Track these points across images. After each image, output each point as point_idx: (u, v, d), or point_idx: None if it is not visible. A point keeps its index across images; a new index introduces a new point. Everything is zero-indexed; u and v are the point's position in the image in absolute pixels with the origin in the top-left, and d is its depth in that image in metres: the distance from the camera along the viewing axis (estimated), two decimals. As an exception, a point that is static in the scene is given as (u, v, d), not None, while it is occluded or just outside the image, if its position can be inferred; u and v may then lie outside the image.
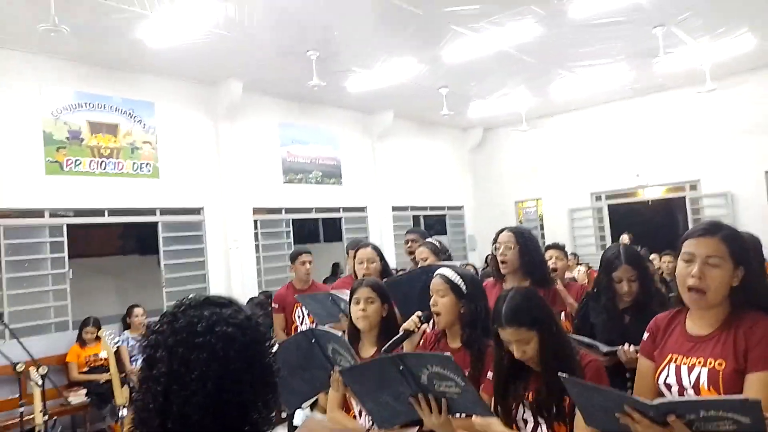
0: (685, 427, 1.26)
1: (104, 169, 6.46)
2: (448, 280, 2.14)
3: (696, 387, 1.51)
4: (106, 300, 8.79)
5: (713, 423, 1.23)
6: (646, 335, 1.73)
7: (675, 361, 1.57)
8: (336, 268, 9.39)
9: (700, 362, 1.52)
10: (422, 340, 2.30)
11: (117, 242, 9.98)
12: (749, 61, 8.24)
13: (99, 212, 6.51)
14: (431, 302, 2.16)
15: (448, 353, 1.54)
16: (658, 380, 1.60)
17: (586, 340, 2.36)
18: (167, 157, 7.03)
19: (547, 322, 1.75)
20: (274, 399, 1.00)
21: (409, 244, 4.08)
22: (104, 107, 6.53)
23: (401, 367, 1.56)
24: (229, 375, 0.92)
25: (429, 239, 3.53)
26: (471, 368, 2.02)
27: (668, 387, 1.58)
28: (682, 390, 1.54)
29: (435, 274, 2.22)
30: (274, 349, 1.03)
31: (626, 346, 2.23)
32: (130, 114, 6.75)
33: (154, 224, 7.03)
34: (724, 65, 8.22)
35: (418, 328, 2.18)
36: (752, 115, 8.79)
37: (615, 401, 1.31)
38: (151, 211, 6.97)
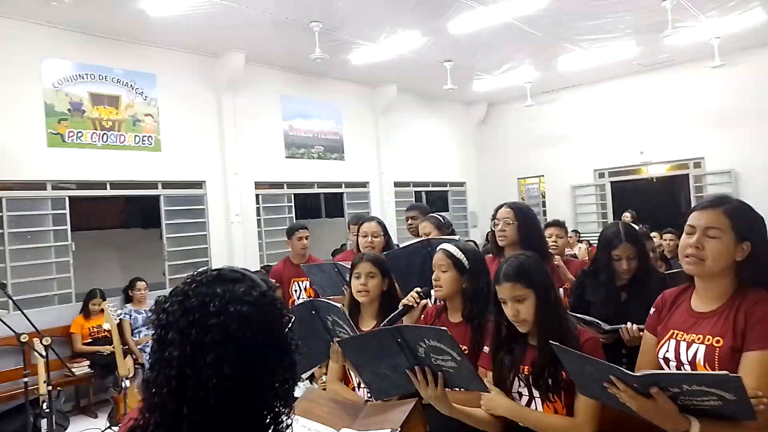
0: (668, 399, 1.28)
1: (106, 141, 6.44)
2: (450, 255, 2.14)
3: (693, 363, 1.50)
4: (108, 273, 8.83)
5: (698, 398, 1.25)
6: (652, 310, 1.73)
7: (675, 337, 1.57)
8: (345, 247, 9.42)
9: (699, 339, 1.51)
10: (423, 315, 2.31)
11: (119, 215, 10.00)
12: (758, 36, 8.10)
13: (101, 185, 6.51)
14: (433, 277, 2.17)
15: (445, 327, 1.54)
16: (658, 354, 1.60)
17: (587, 318, 2.37)
18: (169, 130, 6.99)
19: (545, 286, 1.76)
20: (293, 378, 0.96)
21: (409, 222, 4.04)
22: (105, 79, 6.48)
23: (399, 340, 1.57)
24: (245, 357, 0.87)
25: (432, 214, 3.52)
26: (471, 342, 2.03)
27: (666, 362, 1.58)
28: (679, 365, 1.54)
29: (438, 249, 2.22)
30: (291, 324, 0.98)
31: (629, 324, 2.24)
32: (131, 86, 6.70)
33: (156, 197, 7.03)
34: (733, 40, 8.09)
35: (417, 304, 2.18)
36: (759, 92, 8.67)
37: (603, 372, 1.34)
38: (153, 185, 6.96)
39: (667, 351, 1.57)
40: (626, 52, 8.54)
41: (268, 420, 0.91)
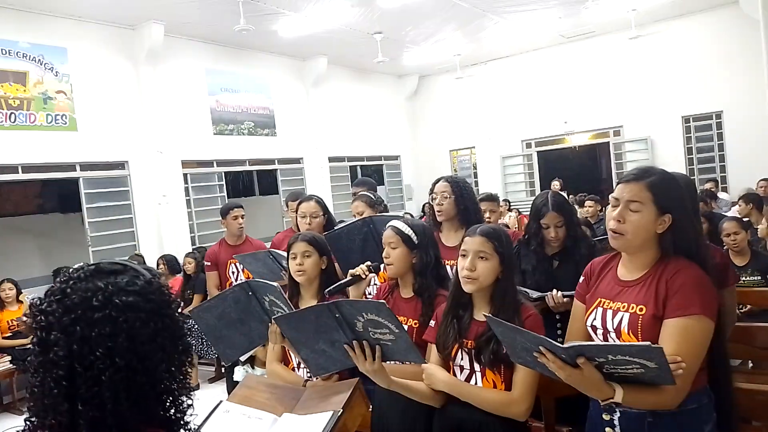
0: (594, 369, 1.35)
1: (14, 121, 5.96)
2: (399, 232, 2.15)
3: (617, 331, 1.55)
4: (27, 261, 8.32)
5: (622, 366, 1.33)
6: (582, 279, 1.78)
7: (602, 305, 1.62)
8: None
9: (624, 307, 1.56)
10: (377, 292, 2.32)
11: (35, 200, 9.36)
12: (672, 8, 8.53)
13: (11, 168, 6.05)
14: (384, 254, 2.17)
15: (382, 300, 1.55)
16: (586, 322, 1.67)
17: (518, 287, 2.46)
18: (85, 107, 6.56)
19: (511, 259, 1.82)
20: (187, 361, 0.97)
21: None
22: (9, 53, 5.97)
23: (337, 315, 1.57)
24: (137, 346, 0.87)
25: (363, 192, 3.49)
26: (422, 316, 2.06)
27: (594, 329, 1.63)
28: (606, 333, 1.59)
29: (387, 226, 2.22)
30: (179, 309, 0.98)
31: (554, 291, 2.34)
32: (39, 61, 6.21)
33: (75, 180, 6.63)
34: (649, 13, 8.48)
35: (365, 276, 2.19)
36: (672, 61, 9.17)
37: (533, 342, 1.40)
38: (70, 167, 6.54)
39: (595, 319, 1.63)
40: (549, 24, 8.77)
41: (168, 403, 0.92)
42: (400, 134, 11.78)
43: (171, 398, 0.92)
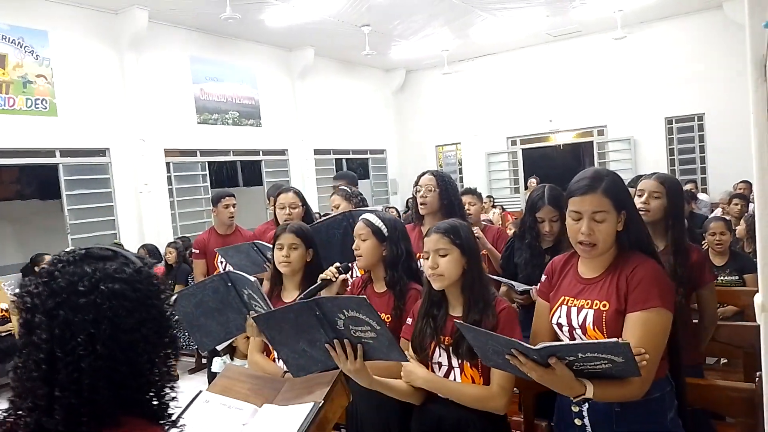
0: (565, 367, 1.39)
1: (-8, 105, 5.83)
2: (369, 224, 2.16)
3: (583, 327, 1.60)
4: (4, 248, 8.16)
5: (591, 363, 1.37)
6: (543, 277, 1.82)
7: (566, 303, 1.67)
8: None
9: (587, 304, 1.62)
10: (350, 287, 2.32)
11: (13, 186, 9.18)
12: (657, 10, 8.62)
13: (-12, 153, 5.93)
14: (354, 246, 2.17)
15: (364, 296, 1.54)
16: (551, 320, 1.70)
17: (503, 279, 2.47)
18: (65, 92, 6.43)
19: (471, 248, 1.82)
20: (173, 353, 0.95)
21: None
22: (-13, 35, 5.83)
23: (317, 313, 1.54)
24: (120, 335, 0.86)
25: (341, 186, 3.49)
26: (394, 309, 2.07)
27: (560, 327, 1.68)
28: (571, 329, 1.64)
29: (359, 219, 2.22)
30: (171, 299, 0.97)
31: (538, 285, 2.35)
32: (19, 43, 6.07)
33: (55, 166, 6.51)
34: (635, 13, 8.56)
35: (336, 278, 2.18)
36: (656, 63, 9.28)
37: (504, 345, 1.42)
38: (50, 153, 6.42)
39: (560, 317, 1.67)
40: (537, 22, 8.81)
41: (150, 394, 0.91)
42: (386, 128, 11.76)
43: (153, 389, 0.91)
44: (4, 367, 5.36)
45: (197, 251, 4.20)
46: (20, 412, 0.85)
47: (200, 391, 1.54)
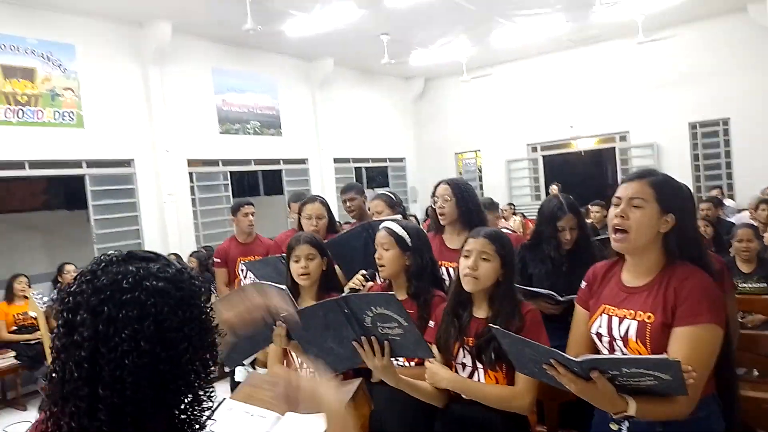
0: (607, 382, 1.31)
1: (22, 117, 5.99)
2: (392, 233, 2.15)
3: (624, 339, 1.52)
4: (33, 257, 8.34)
5: (635, 379, 1.30)
6: (583, 284, 1.74)
7: (607, 312, 1.58)
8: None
9: (630, 314, 1.53)
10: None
11: (42, 196, 9.40)
12: (680, 13, 8.49)
13: (18, 165, 6.07)
14: (376, 256, 2.16)
15: (392, 292, 1.54)
16: (590, 329, 1.62)
17: (541, 290, 2.35)
18: (92, 105, 6.58)
19: (511, 264, 1.83)
20: (212, 358, 0.94)
21: (347, 204, 3.94)
22: (18, 50, 5.99)
23: (346, 310, 1.56)
24: (163, 333, 0.85)
25: (383, 192, 3.48)
26: (418, 319, 2.05)
27: (599, 336, 1.60)
28: (612, 340, 1.56)
29: (380, 227, 2.21)
30: (211, 303, 0.95)
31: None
32: (47, 57, 6.24)
33: (81, 177, 6.65)
34: (657, 18, 8.45)
35: (363, 287, 2.18)
36: (679, 67, 9.13)
37: (543, 355, 1.36)
38: (77, 164, 6.57)
39: (600, 326, 1.59)
40: (557, 28, 8.75)
41: (189, 399, 0.90)
42: (405, 136, 11.78)
43: (191, 394, 0.90)
44: (33, 375, 5.46)
45: (218, 260, 4.24)
46: (60, 419, 0.84)
47: (223, 399, 1.55)
